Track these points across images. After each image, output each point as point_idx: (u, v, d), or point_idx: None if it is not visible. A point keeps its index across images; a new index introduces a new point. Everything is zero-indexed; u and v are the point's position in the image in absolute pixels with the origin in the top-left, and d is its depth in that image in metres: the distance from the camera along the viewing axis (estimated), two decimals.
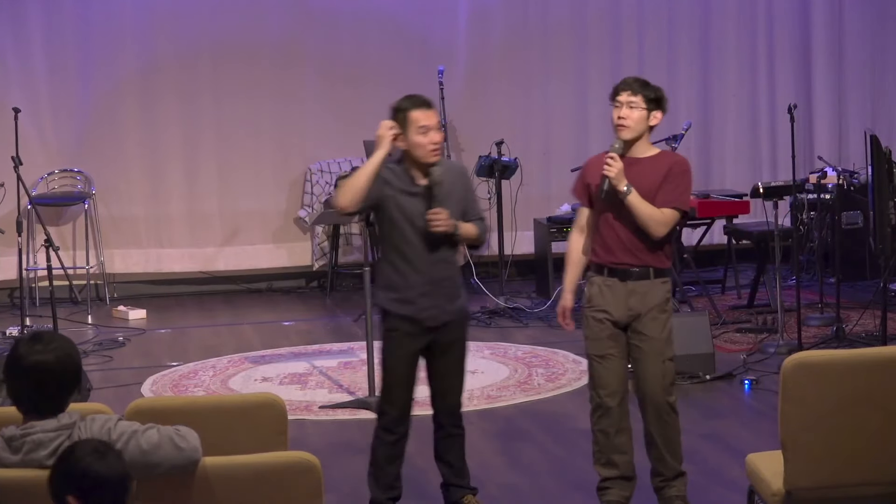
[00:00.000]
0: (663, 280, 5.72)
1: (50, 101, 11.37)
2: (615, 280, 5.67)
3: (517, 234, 11.58)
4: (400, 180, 5.70)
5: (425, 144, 5.67)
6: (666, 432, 5.71)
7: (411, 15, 11.80)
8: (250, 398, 5.13)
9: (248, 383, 8.58)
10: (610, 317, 5.69)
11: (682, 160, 5.78)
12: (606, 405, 5.70)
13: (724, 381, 8.11)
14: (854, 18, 12.26)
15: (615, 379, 5.70)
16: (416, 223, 5.71)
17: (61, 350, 3.98)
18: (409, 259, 5.73)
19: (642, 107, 5.63)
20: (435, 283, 5.74)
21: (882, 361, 4.89)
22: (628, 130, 5.64)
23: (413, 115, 5.66)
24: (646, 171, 5.65)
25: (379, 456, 5.87)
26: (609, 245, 5.68)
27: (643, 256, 5.66)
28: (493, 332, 9.80)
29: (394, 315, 5.78)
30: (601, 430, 5.75)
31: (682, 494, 5.76)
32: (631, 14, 12.05)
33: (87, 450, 3.59)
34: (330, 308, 11.10)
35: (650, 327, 5.67)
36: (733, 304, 10.38)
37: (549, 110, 12.01)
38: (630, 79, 5.74)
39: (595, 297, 5.73)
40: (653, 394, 5.67)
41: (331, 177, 11.58)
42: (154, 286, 11.70)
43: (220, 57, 11.54)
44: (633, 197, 5.58)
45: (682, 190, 5.67)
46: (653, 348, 5.67)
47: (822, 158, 10.99)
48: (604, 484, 5.80)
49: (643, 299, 5.66)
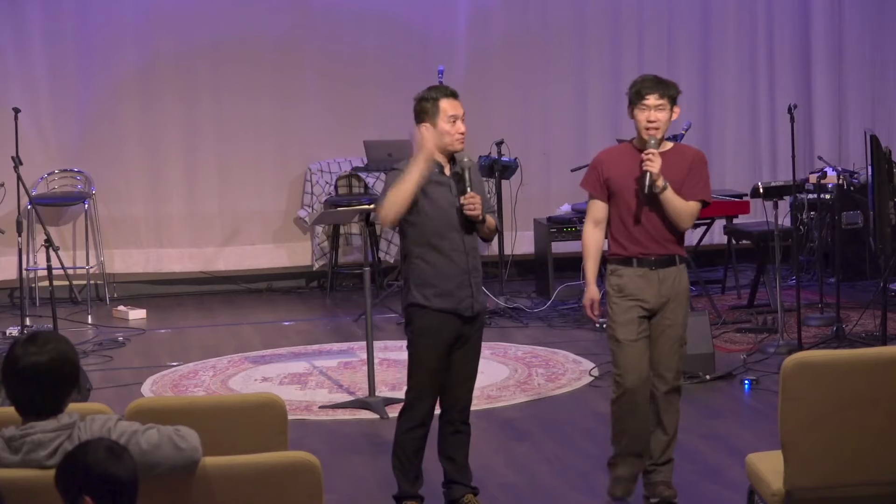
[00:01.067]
0: (683, 267, 5.95)
1: (50, 101, 11.37)
2: (646, 269, 5.85)
3: (517, 234, 11.58)
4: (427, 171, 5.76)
5: (453, 133, 5.80)
6: (671, 415, 5.93)
7: (411, 15, 11.80)
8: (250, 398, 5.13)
9: (248, 383, 8.58)
10: (644, 304, 5.85)
11: (700, 154, 6.04)
12: (633, 388, 5.84)
13: (724, 381, 8.11)
14: (854, 19, 12.25)
15: (643, 363, 5.87)
16: (449, 212, 5.77)
17: (56, 351, 3.98)
18: (443, 251, 5.79)
19: (668, 108, 5.85)
20: (470, 272, 5.82)
21: (882, 361, 4.89)
22: (659, 132, 5.85)
23: (442, 104, 5.80)
24: (669, 164, 5.83)
25: (408, 449, 5.94)
26: (637, 237, 5.85)
27: (668, 246, 5.87)
28: (493, 332, 9.79)
29: (432, 310, 5.81)
30: (626, 411, 5.88)
31: (668, 480, 5.94)
32: (631, 14, 12.05)
33: (102, 450, 3.57)
34: (330, 308, 11.10)
35: (676, 313, 5.88)
36: (733, 304, 10.38)
37: (549, 110, 12.01)
38: (651, 80, 5.89)
39: (628, 286, 5.86)
40: (668, 376, 5.89)
41: (331, 177, 11.58)
42: (154, 286, 11.70)
43: (220, 57, 11.54)
44: (669, 192, 5.78)
45: (705, 182, 5.94)
46: (675, 333, 5.89)
47: (822, 158, 10.99)
48: (616, 459, 5.96)
49: (673, 285, 5.86)
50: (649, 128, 5.80)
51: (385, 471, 6.25)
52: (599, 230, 5.95)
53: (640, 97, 5.82)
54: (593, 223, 5.96)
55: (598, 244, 5.96)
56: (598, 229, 5.95)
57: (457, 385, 5.93)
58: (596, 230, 5.95)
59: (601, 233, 5.96)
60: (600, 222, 5.94)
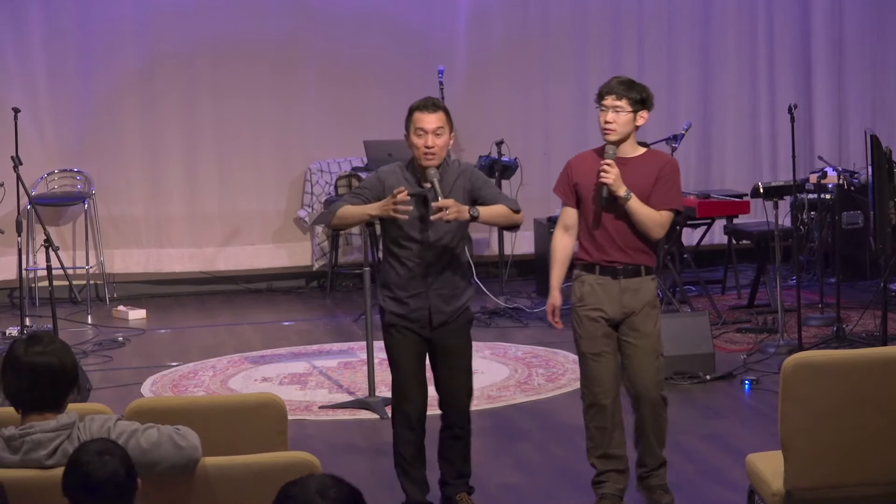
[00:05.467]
0: (652, 277, 5.83)
1: (50, 101, 11.37)
2: (607, 278, 5.75)
3: (517, 234, 11.53)
4: (403, 182, 5.73)
5: (419, 146, 5.72)
6: (658, 425, 5.83)
7: (411, 15, 11.79)
8: (250, 398, 5.13)
9: (248, 383, 8.58)
10: (604, 315, 5.76)
11: (671, 160, 5.87)
12: (601, 402, 5.80)
13: (724, 381, 8.11)
14: (854, 19, 12.25)
15: (609, 376, 5.80)
16: (414, 225, 5.74)
17: (56, 351, 4.00)
18: (403, 260, 5.80)
19: (628, 110, 5.71)
20: (428, 285, 5.78)
21: (882, 361, 4.89)
22: (614, 134, 5.72)
23: (415, 116, 5.76)
24: (636, 171, 5.72)
25: (406, 455, 5.93)
26: (601, 244, 5.75)
27: (635, 255, 5.75)
28: (493, 332, 9.79)
29: (389, 313, 5.86)
30: (596, 426, 5.85)
31: (663, 483, 5.90)
32: (631, 14, 12.04)
33: (91, 452, 3.58)
34: (330, 308, 11.10)
35: (644, 324, 5.76)
36: (733, 304, 10.37)
37: (549, 110, 12.00)
38: (614, 81, 5.78)
39: (588, 295, 5.78)
40: (647, 389, 5.77)
41: (331, 177, 11.58)
42: (154, 286, 11.70)
43: (220, 57, 11.53)
44: (634, 202, 5.66)
45: (676, 190, 5.79)
46: (647, 344, 5.77)
47: (823, 158, 10.99)
48: (599, 478, 5.90)
49: (636, 296, 5.74)
50: (605, 129, 5.71)
51: (385, 471, 6.25)
52: (569, 236, 5.86)
53: (600, 98, 5.74)
54: (563, 229, 5.87)
55: (565, 250, 5.85)
56: (568, 235, 5.85)
57: (448, 395, 5.94)
58: (565, 236, 5.86)
59: (571, 239, 5.86)
60: (570, 228, 5.85)
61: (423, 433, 5.93)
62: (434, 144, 5.70)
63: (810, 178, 9.86)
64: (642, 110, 5.72)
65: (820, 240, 10.35)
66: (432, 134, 5.70)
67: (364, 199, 5.78)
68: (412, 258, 5.78)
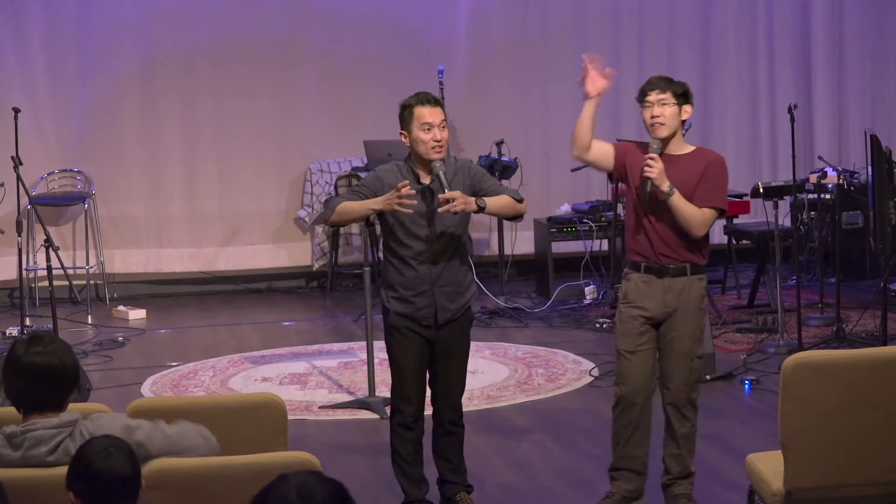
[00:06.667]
0: (700, 277, 5.76)
1: (50, 101, 11.37)
2: (652, 276, 5.71)
3: (517, 234, 11.57)
4: (402, 180, 5.71)
5: (427, 141, 5.72)
6: (685, 428, 5.78)
7: (411, 15, 11.79)
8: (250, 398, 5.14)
9: (248, 383, 8.58)
10: (645, 312, 5.72)
11: (719, 158, 5.82)
12: (630, 400, 5.75)
13: (724, 381, 8.11)
14: (854, 19, 12.25)
15: (642, 376, 5.74)
16: (417, 223, 5.73)
17: (56, 351, 4.01)
18: (407, 259, 5.78)
19: (673, 102, 5.68)
20: (433, 282, 5.77)
21: (882, 361, 4.89)
22: (664, 128, 5.69)
23: (417, 112, 5.74)
24: (683, 168, 5.68)
25: (404, 453, 5.93)
26: (646, 241, 5.71)
27: (681, 253, 5.69)
28: (493, 332, 9.79)
29: (393, 313, 5.83)
30: (622, 423, 5.79)
31: (688, 493, 5.81)
32: (631, 14, 12.04)
33: (98, 447, 3.58)
34: (330, 308, 11.10)
35: (683, 325, 5.72)
36: (733, 304, 10.37)
37: (549, 110, 12.00)
38: (655, 78, 5.80)
39: (631, 292, 5.75)
40: (678, 390, 5.75)
41: (331, 177, 11.58)
42: (154, 286, 11.70)
43: (220, 57, 11.53)
44: (676, 198, 5.61)
45: (721, 189, 5.72)
46: (683, 346, 5.74)
47: (822, 158, 10.99)
48: (613, 473, 5.85)
49: (679, 296, 5.70)
50: (654, 123, 5.67)
51: (385, 470, 6.25)
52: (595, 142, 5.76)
53: (643, 95, 5.73)
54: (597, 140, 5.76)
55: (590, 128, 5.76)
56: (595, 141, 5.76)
57: (443, 391, 5.94)
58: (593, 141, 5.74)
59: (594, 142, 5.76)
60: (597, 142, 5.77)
61: (422, 432, 5.94)
62: (442, 138, 5.74)
63: (810, 178, 9.86)
64: (686, 104, 5.71)
65: (820, 240, 10.35)
66: (438, 127, 5.73)
67: (363, 197, 5.78)
68: (415, 256, 5.77)
